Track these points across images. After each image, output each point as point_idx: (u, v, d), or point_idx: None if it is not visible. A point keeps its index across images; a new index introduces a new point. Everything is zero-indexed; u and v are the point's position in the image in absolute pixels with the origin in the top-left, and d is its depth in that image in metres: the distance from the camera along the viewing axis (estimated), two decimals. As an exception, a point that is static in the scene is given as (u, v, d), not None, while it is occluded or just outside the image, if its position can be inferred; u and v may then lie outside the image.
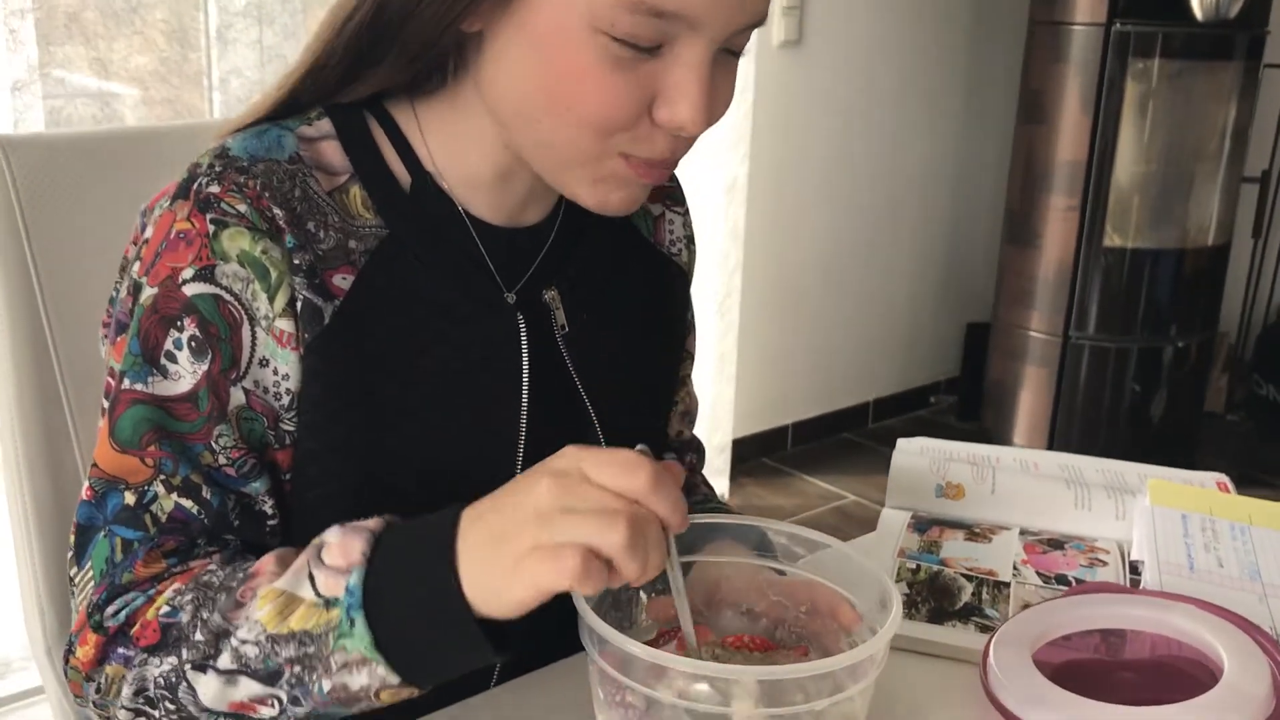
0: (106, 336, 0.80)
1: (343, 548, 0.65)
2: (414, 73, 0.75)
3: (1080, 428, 3.19)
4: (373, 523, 0.66)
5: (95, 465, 0.73)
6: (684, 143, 0.73)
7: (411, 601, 0.62)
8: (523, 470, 0.79)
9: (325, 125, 0.77)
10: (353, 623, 0.62)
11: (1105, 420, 3.18)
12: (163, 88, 2.10)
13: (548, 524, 0.59)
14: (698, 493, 1.00)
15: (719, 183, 2.88)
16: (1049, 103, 3.03)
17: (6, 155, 0.96)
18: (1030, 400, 3.23)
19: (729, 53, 0.72)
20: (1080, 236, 3.05)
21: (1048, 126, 3.05)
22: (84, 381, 0.98)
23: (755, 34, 3.27)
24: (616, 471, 0.60)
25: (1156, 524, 0.93)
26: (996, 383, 3.33)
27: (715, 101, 0.71)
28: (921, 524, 0.98)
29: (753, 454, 3.24)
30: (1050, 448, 3.20)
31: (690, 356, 0.99)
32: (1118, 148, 2.97)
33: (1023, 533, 0.97)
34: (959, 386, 3.72)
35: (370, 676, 0.63)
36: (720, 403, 2.89)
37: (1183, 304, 3.13)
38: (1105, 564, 0.92)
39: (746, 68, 2.85)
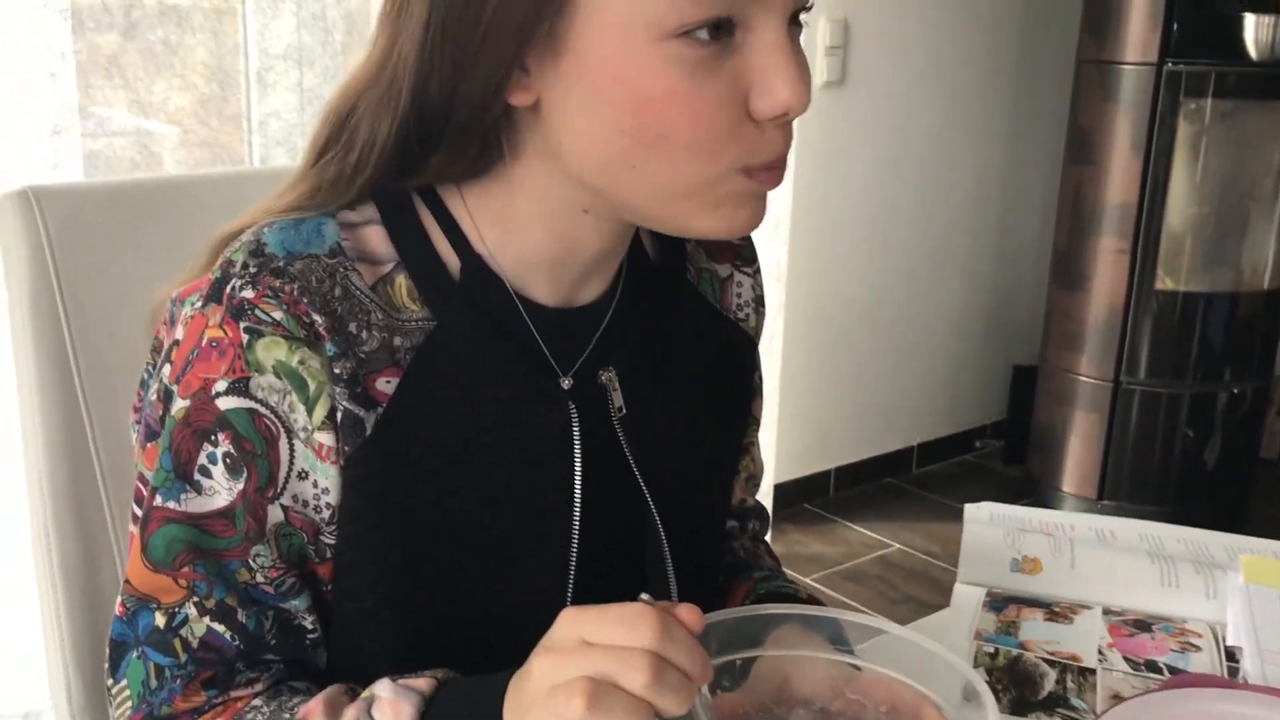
0: (138, 422, 0.75)
1: (394, 708, 0.62)
2: (469, 160, 0.69)
3: (1131, 474, 3.10)
4: (423, 683, 0.63)
5: (127, 582, 0.70)
6: (790, 132, 0.66)
7: None
8: (576, 571, 0.74)
9: (369, 210, 0.72)
10: None
11: (1157, 467, 3.10)
12: (202, 129, 2.08)
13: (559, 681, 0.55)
14: (760, 566, 0.94)
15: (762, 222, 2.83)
16: (1098, 143, 2.97)
17: (40, 206, 0.94)
18: (1079, 446, 3.15)
19: (794, 24, 0.65)
20: (1131, 279, 2.98)
21: (1097, 167, 2.98)
22: (113, 434, 0.96)
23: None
24: (619, 630, 0.55)
25: (1254, 605, 0.87)
26: (1044, 427, 3.25)
27: (806, 73, 0.65)
28: (997, 602, 0.92)
29: (795, 499, 3.17)
30: (1101, 495, 3.11)
31: (756, 422, 0.94)
32: (1169, 189, 2.90)
33: (1106, 612, 0.90)
34: (1005, 430, 3.64)
35: None
36: (762, 445, 2.82)
37: (1237, 348, 3.05)
38: (1199, 649, 0.85)
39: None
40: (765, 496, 2.97)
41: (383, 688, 0.63)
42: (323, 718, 0.64)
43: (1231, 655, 0.84)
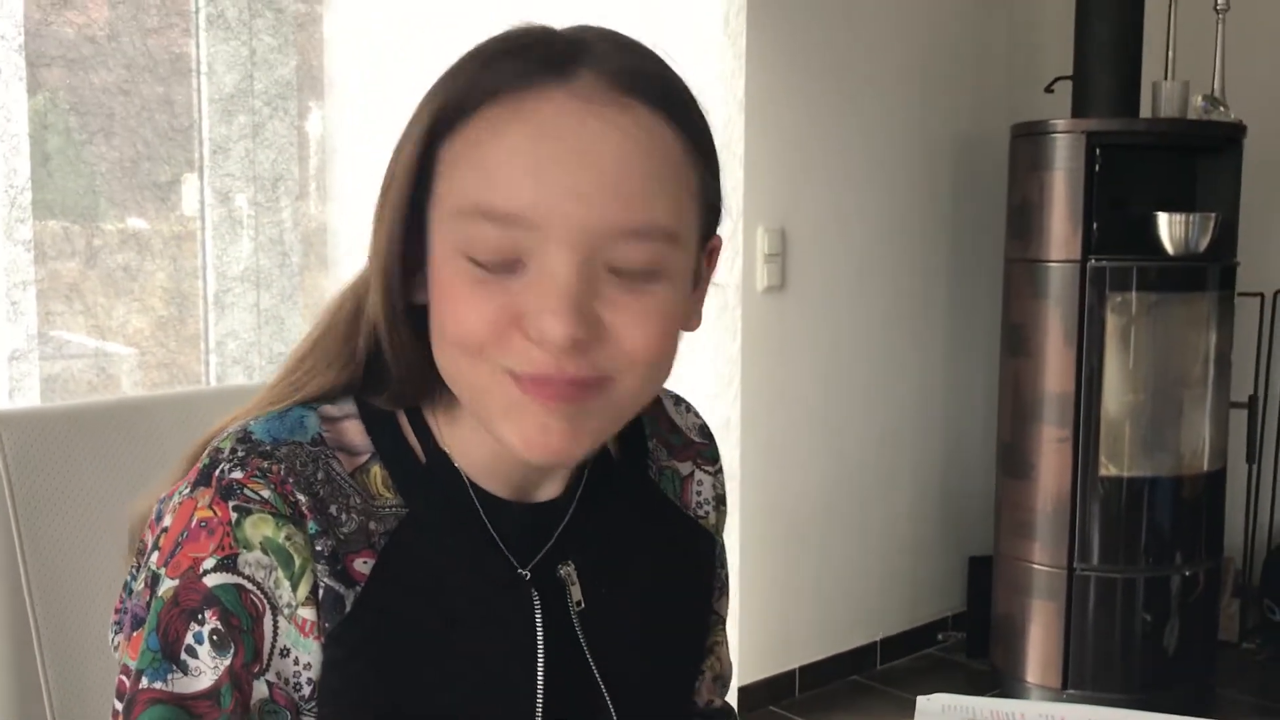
0: (117, 624, 0.77)
1: None
2: (413, 386, 0.76)
3: (1094, 661, 3.09)
4: None
5: None
6: (568, 358, 0.68)
7: None
8: None
9: (349, 406, 0.77)
10: None
11: (1119, 653, 3.09)
12: (159, 350, 2.13)
13: None
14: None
15: (712, 423, 2.89)
16: (1031, 336, 3.09)
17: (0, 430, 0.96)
18: (1040, 635, 3.14)
19: (626, 274, 0.68)
20: (1075, 466, 3.05)
21: (1032, 359, 3.09)
22: (65, 658, 0.96)
23: (740, 279, 3.30)
24: None
25: (1199, 784, 0.88)
26: (1004, 617, 3.25)
27: (622, 326, 0.68)
28: (950, 792, 0.92)
29: (761, 701, 3.12)
30: (1065, 684, 3.10)
31: (721, 620, 0.96)
32: (1104, 378, 3.01)
33: (1058, 798, 0.91)
34: (966, 621, 3.63)
35: None
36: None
37: (1185, 531, 3.10)
38: (1150, 832, 0.86)
39: (734, 311, 2.91)
40: (731, 700, 2.93)
41: None
42: None
43: (1182, 836, 0.85)
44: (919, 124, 3.40)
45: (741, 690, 3.03)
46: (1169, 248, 2.97)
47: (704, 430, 0.94)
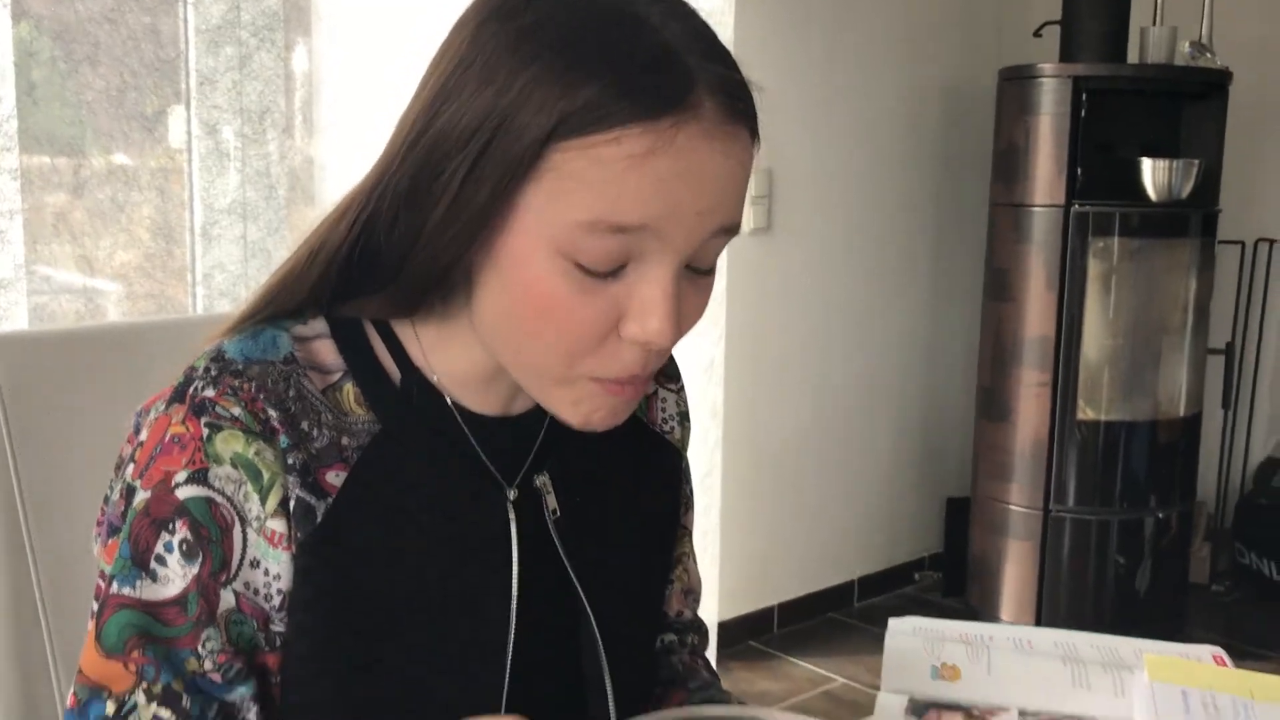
0: (99, 536, 0.79)
1: None
2: (415, 300, 0.76)
3: (1067, 601, 3.16)
4: None
5: (80, 671, 0.72)
6: (655, 355, 0.73)
7: None
8: (512, 666, 0.78)
9: (320, 324, 0.79)
10: None
11: (1092, 593, 3.16)
12: (147, 283, 2.14)
13: None
14: (697, 678, 0.98)
15: (697, 363, 2.91)
16: (1014, 281, 3.11)
17: None
18: (1015, 575, 3.20)
19: (698, 270, 0.73)
20: (1053, 410, 3.09)
21: (1014, 304, 3.12)
22: (59, 577, 0.97)
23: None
24: None
25: (1157, 701, 0.92)
26: (979, 558, 3.31)
27: (685, 316, 0.72)
28: (918, 708, 0.96)
29: (739, 637, 3.18)
30: (1038, 622, 3.16)
31: (688, 533, 0.99)
32: (1084, 323, 3.04)
33: (1022, 714, 0.95)
34: (942, 562, 3.69)
35: None
36: (705, 584, 2.85)
37: (1159, 475, 3.15)
38: (1109, 744, 0.90)
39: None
40: (710, 636, 2.98)
41: None
42: None
43: (1139, 749, 0.89)
44: (907, 68, 3.40)
45: (721, 626, 3.09)
46: (1152, 194, 3.00)
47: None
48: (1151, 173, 2.99)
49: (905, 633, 1.06)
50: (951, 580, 3.56)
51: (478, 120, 0.69)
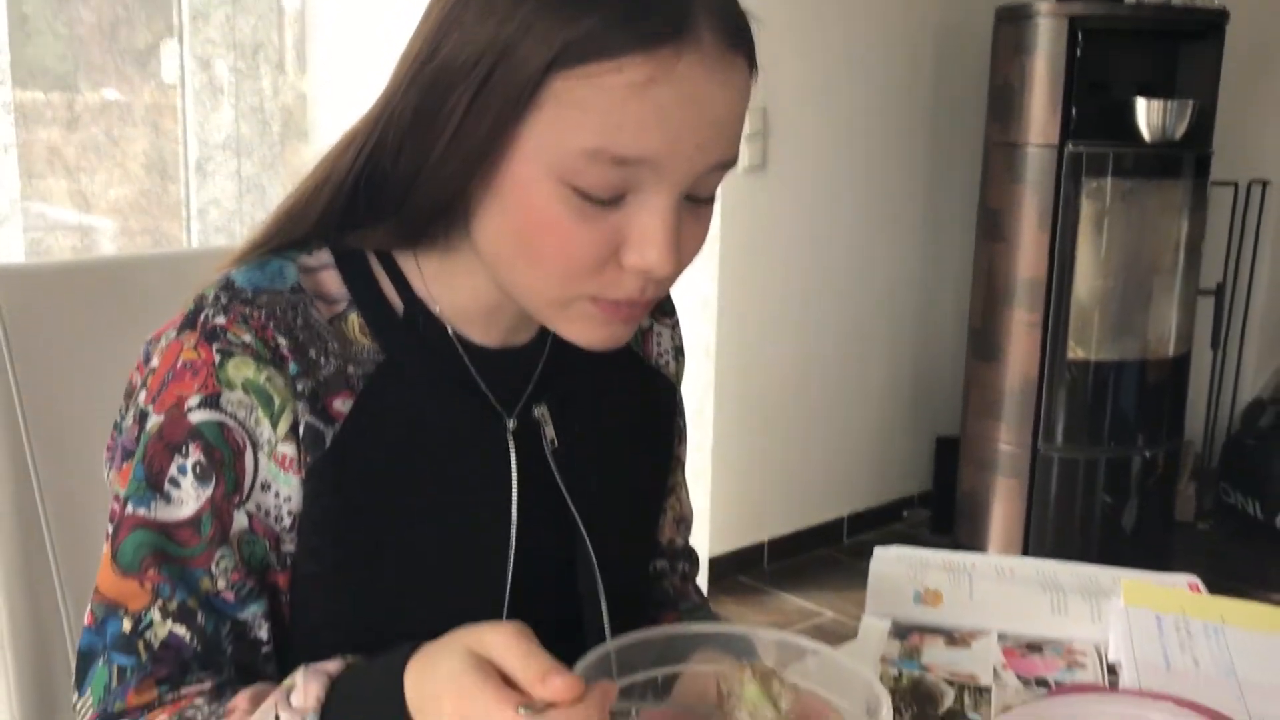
0: (110, 462, 0.81)
1: (304, 691, 0.67)
2: (418, 230, 0.78)
3: (1054, 539, 3.20)
4: (332, 665, 0.68)
5: (97, 590, 0.75)
6: (654, 284, 0.75)
7: None
8: (511, 591, 0.80)
9: (325, 255, 0.80)
10: None
11: (1079, 531, 3.20)
12: (142, 218, 2.14)
13: None
14: (688, 600, 1.01)
15: (690, 301, 2.93)
16: (1007, 221, 3.12)
17: None
18: (1002, 512, 3.25)
19: (696, 200, 0.74)
20: (1043, 350, 3.11)
21: (1007, 244, 3.13)
22: (64, 506, 0.99)
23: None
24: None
25: (1132, 625, 0.95)
26: (968, 496, 3.35)
27: (684, 246, 0.74)
28: (901, 630, 0.99)
29: (730, 572, 3.23)
30: (1025, 560, 3.20)
31: (680, 463, 1.01)
32: (1076, 263, 3.05)
33: (1001, 637, 0.98)
34: (931, 500, 3.74)
35: None
36: (696, 520, 2.88)
37: (1147, 414, 3.18)
38: (1084, 666, 0.93)
39: (713, 191, 2.93)
40: (701, 573, 3.02)
41: (299, 674, 0.68)
42: (247, 704, 0.70)
43: (1113, 669, 0.92)
44: (903, 7, 3.38)
45: (712, 561, 3.13)
46: (1146, 134, 3.00)
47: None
48: (1146, 113, 2.99)
49: (890, 560, 1.09)
50: (940, 518, 3.61)
51: (480, 50, 0.70)
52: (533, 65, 0.68)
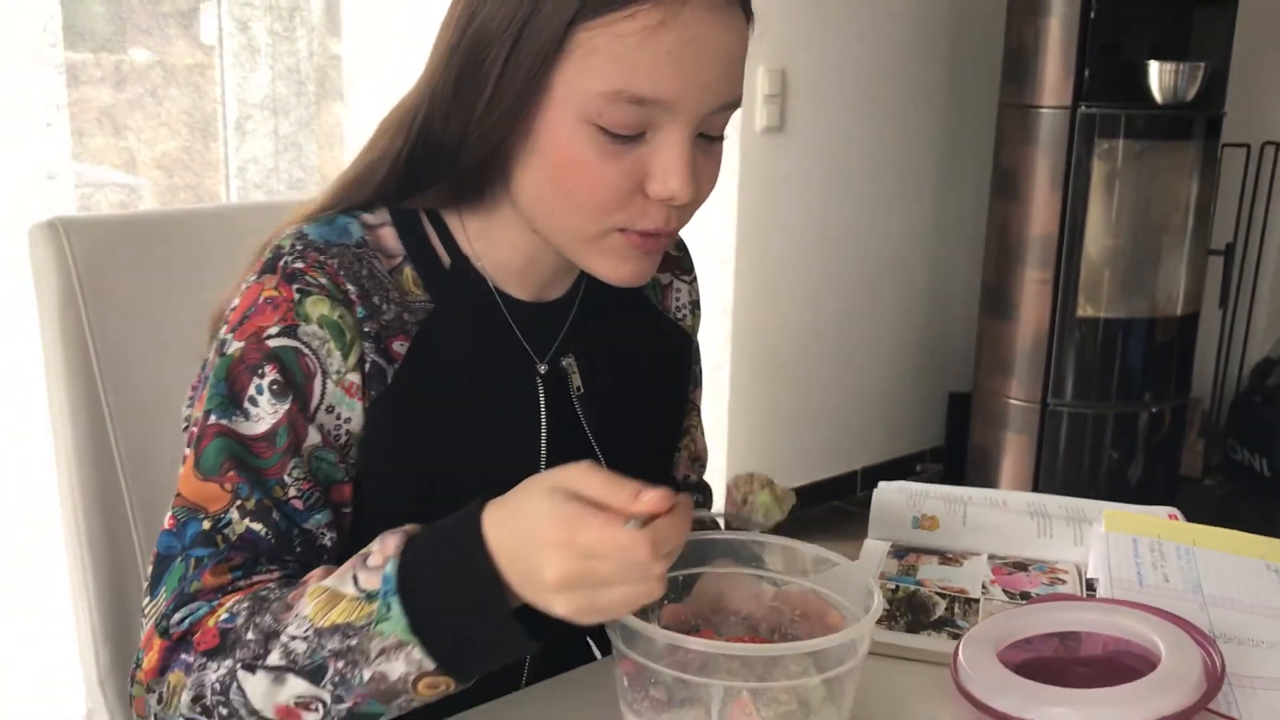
0: (191, 399, 0.90)
1: (381, 549, 0.74)
2: (464, 189, 0.89)
3: (1062, 493, 3.22)
4: (408, 527, 0.76)
5: (179, 494, 0.83)
6: (677, 213, 0.85)
7: (444, 587, 0.71)
8: None
9: (384, 214, 0.91)
10: (389, 607, 0.71)
11: (1085, 485, 3.28)
12: (185, 174, 2.24)
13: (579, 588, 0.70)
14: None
15: (708, 260, 3.01)
16: (1020, 180, 3.18)
17: (68, 236, 1.05)
18: (1012, 467, 3.33)
19: (708, 138, 0.84)
20: (1054, 308, 3.18)
21: (1020, 203, 3.19)
22: (135, 444, 1.06)
23: (739, 120, 3.35)
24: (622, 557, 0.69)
25: (1110, 547, 1.04)
26: (979, 450, 3.43)
27: (700, 178, 0.84)
28: (900, 551, 1.09)
29: (745, 522, 3.32)
30: (1033, 512, 3.29)
31: (695, 408, 1.12)
32: (1087, 223, 3.11)
33: (991, 557, 1.07)
34: (944, 454, 3.83)
35: (408, 663, 0.71)
36: (711, 472, 2.98)
37: (1155, 371, 3.26)
38: (1064, 582, 1.02)
39: (732, 151, 3.00)
40: (714, 500, 3.12)
41: (375, 541, 0.76)
42: (323, 573, 0.77)
43: (1090, 586, 1.01)
44: (921, -33, 3.43)
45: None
46: (1158, 96, 3.04)
47: (680, 244, 1.08)
48: (1158, 75, 3.03)
49: (892, 491, 1.18)
50: (952, 472, 3.69)
51: (510, 14, 0.81)
52: (557, 21, 0.79)
